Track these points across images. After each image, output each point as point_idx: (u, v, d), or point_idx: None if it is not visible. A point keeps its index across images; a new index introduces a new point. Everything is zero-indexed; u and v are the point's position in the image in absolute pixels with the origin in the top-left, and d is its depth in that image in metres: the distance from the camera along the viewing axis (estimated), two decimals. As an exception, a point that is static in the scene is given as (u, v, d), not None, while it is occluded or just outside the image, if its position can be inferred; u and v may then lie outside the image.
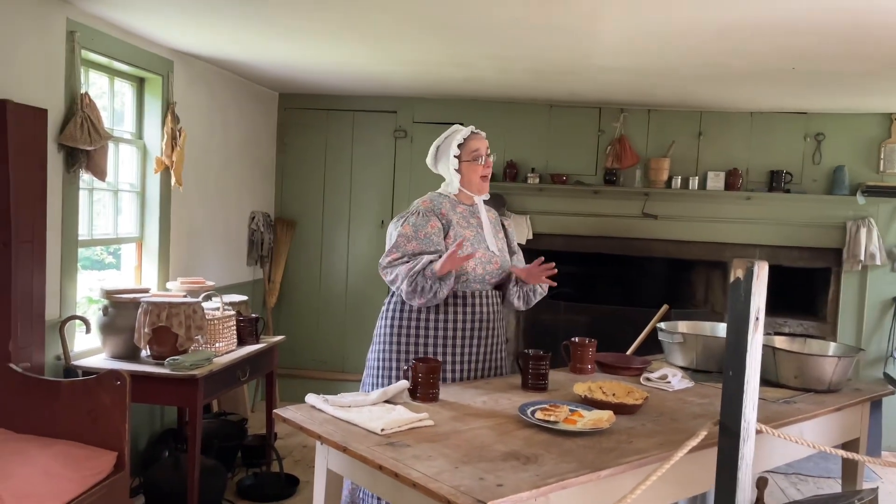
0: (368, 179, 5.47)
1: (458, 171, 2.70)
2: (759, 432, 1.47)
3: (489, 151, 2.73)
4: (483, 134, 2.75)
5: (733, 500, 1.27)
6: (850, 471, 2.72)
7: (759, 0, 2.63)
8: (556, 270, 2.60)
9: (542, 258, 2.64)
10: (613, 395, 2.25)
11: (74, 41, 3.17)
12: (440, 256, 2.50)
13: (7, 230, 2.75)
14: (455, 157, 2.69)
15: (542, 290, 2.80)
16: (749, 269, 1.21)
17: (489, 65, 4.00)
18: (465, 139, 2.70)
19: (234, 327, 3.60)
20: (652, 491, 1.63)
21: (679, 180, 5.07)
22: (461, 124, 2.85)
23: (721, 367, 2.76)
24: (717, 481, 1.35)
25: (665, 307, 3.25)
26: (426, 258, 2.51)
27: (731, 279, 1.25)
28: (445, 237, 2.63)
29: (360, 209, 5.50)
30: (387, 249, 2.65)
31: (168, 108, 3.93)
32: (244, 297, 4.01)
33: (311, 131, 5.51)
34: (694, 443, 1.39)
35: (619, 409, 2.13)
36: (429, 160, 2.83)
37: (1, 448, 2.53)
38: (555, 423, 1.98)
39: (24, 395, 2.73)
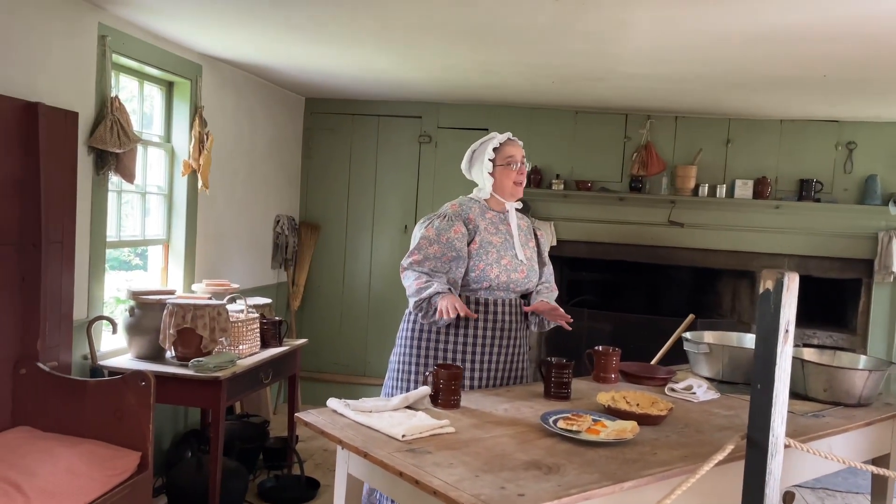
0: (392, 184, 5.49)
1: (492, 174, 2.69)
2: (787, 446, 1.44)
3: (524, 160, 2.73)
4: (520, 142, 2.75)
5: (760, 515, 1.24)
6: (880, 487, 2.65)
7: (790, 7, 2.59)
8: (570, 320, 2.64)
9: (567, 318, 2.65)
10: (637, 405, 2.22)
11: (105, 45, 3.22)
12: (450, 289, 2.51)
13: (37, 231, 2.80)
14: (490, 160, 2.69)
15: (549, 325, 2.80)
16: (779, 280, 1.18)
17: (516, 71, 3.99)
18: (500, 144, 2.70)
19: (258, 330, 3.62)
20: (676, 504, 1.60)
21: (706, 188, 5.01)
22: (486, 130, 2.84)
23: (747, 378, 2.73)
24: (744, 496, 1.32)
25: (691, 317, 3.20)
26: (434, 287, 2.50)
27: (761, 290, 1.23)
28: (471, 243, 2.62)
29: (383, 214, 5.51)
30: (410, 249, 2.66)
31: (196, 111, 3.97)
32: (268, 300, 4.04)
33: (336, 136, 5.53)
34: (721, 456, 1.36)
35: (643, 420, 2.10)
36: (463, 165, 2.83)
37: (27, 446, 2.57)
38: (577, 432, 1.95)
39: (50, 394, 2.77)
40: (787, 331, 1.23)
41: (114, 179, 3.38)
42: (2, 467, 2.37)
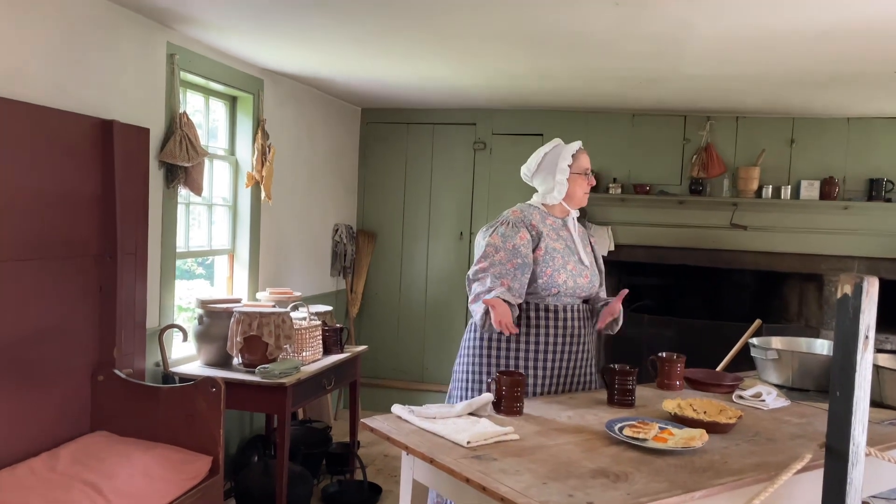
0: (447, 191, 5.52)
1: (567, 181, 2.70)
2: (866, 455, 1.39)
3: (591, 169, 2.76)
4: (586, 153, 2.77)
5: (840, 527, 1.21)
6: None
7: (856, 3, 2.51)
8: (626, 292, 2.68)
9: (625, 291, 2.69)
10: (705, 412, 2.18)
11: (174, 63, 3.35)
12: (504, 296, 2.46)
13: (113, 243, 2.92)
14: (567, 165, 2.69)
15: (620, 321, 2.77)
16: (858, 285, 1.15)
17: (573, 75, 3.98)
18: (577, 151, 2.71)
19: (320, 337, 3.69)
20: (749, 514, 1.57)
21: (770, 189, 4.88)
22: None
23: (818, 385, 2.65)
24: (822, 507, 1.28)
25: (757, 322, 3.13)
26: (492, 292, 2.46)
27: (839, 295, 1.19)
28: (535, 249, 2.62)
29: (439, 221, 5.55)
30: (475, 259, 2.65)
31: (258, 124, 4.08)
32: (329, 308, 4.11)
33: (391, 144, 5.61)
34: (800, 465, 1.33)
35: (712, 428, 2.06)
36: (525, 170, 2.80)
37: (106, 449, 2.68)
38: (644, 440, 1.93)
39: (126, 399, 2.89)
40: (866, 337, 1.20)
41: (182, 192, 3.50)
42: (83, 471, 2.49)
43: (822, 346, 2.92)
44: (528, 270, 2.58)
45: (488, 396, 2.24)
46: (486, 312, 2.45)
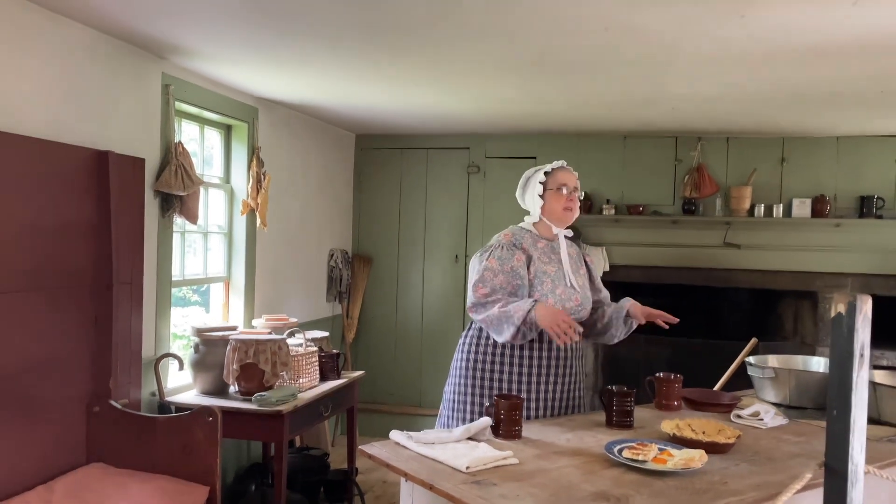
0: (442, 215, 5.54)
1: (542, 197, 2.69)
2: (865, 473, 1.39)
3: (577, 189, 2.73)
4: (574, 174, 2.75)
5: (841, 547, 1.21)
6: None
7: (845, 21, 2.56)
8: (676, 320, 2.67)
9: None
10: (703, 433, 2.17)
11: (169, 94, 3.38)
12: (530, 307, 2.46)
13: (109, 273, 2.92)
14: (541, 183, 2.69)
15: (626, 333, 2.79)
16: (851, 304, 1.17)
17: (565, 99, 4.02)
18: (553, 169, 2.71)
19: (317, 363, 3.68)
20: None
21: (762, 208, 4.92)
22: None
23: (816, 403, 2.65)
24: (823, 527, 1.28)
25: (754, 340, 3.13)
26: (522, 304, 2.45)
27: (833, 314, 1.20)
28: (527, 272, 2.63)
29: (434, 245, 5.57)
30: (472, 284, 2.62)
31: (253, 152, 4.11)
32: (325, 333, 4.11)
33: (386, 170, 5.64)
34: (800, 485, 1.33)
35: (711, 449, 2.06)
36: (517, 192, 2.83)
37: (102, 483, 2.66)
38: (643, 462, 1.93)
39: (122, 430, 2.87)
40: (861, 355, 1.21)
41: (178, 221, 3.51)
42: None
43: (819, 364, 2.92)
44: (526, 292, 2.58)
45: (487, 420, 2.23)
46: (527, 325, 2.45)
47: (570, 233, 2.79)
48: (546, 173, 2.70)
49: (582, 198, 2.79)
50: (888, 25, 2.58)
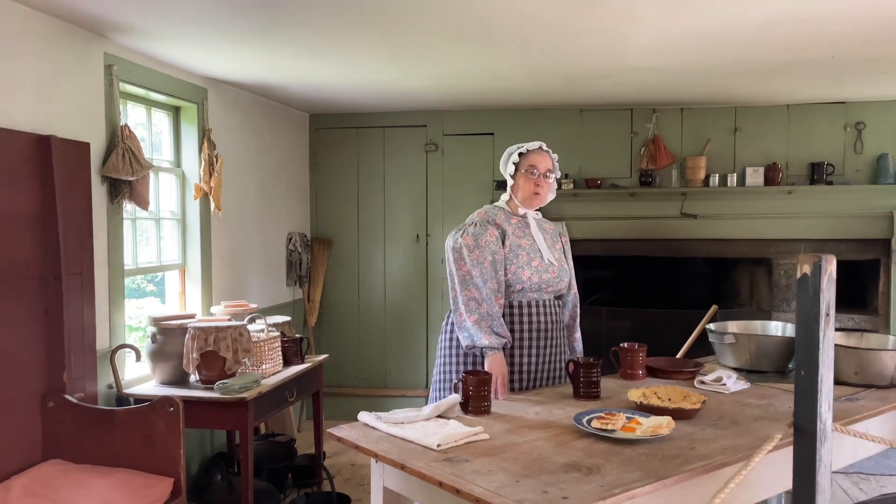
0: (401, 194, 5.49)
1: (513, 177, 2.74)
2: (833, 431, 1.41)
3: (549, 172, 2.73)
4: (553, 157, 2.76)
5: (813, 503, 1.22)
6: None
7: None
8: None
9: None
10: (669, 400, 2.20)
11: (112, 74, 3.24)
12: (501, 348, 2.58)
13: (57, 263, 2.81)
14: (514, 163, 2.73)
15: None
16: (817, 264, 1.17)
17: (521, 73, 3.99)
18: (528, 151, 2.73)
19: (280, 348, 3.62)
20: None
21: (717, 178, 4.99)
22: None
23: (776, 366, 2.71)
24: (796, 485, 1.30)
25: (714, 308, 3.18)
26: (486, 341, 2.56)
27: (798, 275, 1.21)
28: (502, 247, 2.65)
29: (394, 224, 5.51)
30: (449, 263, 2.66)
31: (204, 134, 3.98)
32: (287, 318, 4.04)
33: (342, 150, 5.55)
34: (770, 446, 1.34)
35: (677, 415, 2.08)
36: (500, 167, 2.88)
37: (60, 479, 2.57)
38: (613, 431, 1.94)
39: (80, 425, 2.78)
40: (827, 314, 1.22)
41: (128, 207, 3.40)
42: (37, 502, 2.38)
43: (777, 328, 2.98)
44: (502, 267, 2.63)
45: (455, 398, 2.22)
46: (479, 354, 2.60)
47: (538, 215, 2.82)
48: (521, 154, 2.72)
49: (558, 177, 2.80)
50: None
